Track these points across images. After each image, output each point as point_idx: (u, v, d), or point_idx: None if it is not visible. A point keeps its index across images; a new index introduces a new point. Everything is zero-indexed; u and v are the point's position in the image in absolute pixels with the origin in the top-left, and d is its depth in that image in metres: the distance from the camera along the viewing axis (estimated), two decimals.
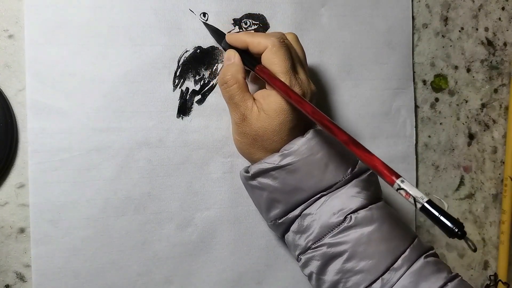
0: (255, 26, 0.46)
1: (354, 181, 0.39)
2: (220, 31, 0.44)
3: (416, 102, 0.52)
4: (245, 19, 0.45)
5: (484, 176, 0.55)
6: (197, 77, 0.44)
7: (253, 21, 0.45)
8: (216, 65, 0.45)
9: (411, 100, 0.51)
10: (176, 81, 0.44)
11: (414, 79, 0.52)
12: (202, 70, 0.44)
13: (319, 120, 0.35)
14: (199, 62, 0.44)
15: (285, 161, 0.38)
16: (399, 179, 0.30)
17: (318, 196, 0.39)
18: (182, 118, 0.44)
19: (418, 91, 0.52)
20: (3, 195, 0.41)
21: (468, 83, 0.54)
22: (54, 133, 0.41)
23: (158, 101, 0.43)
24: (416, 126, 0.52)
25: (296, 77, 0.39)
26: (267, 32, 0.45)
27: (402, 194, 0.30)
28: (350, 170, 0.39)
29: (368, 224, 0.38)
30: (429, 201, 0.29)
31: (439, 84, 0.53)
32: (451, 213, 0.29)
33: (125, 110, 0.42)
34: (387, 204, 0.41)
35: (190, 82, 0.44)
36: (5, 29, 0.40)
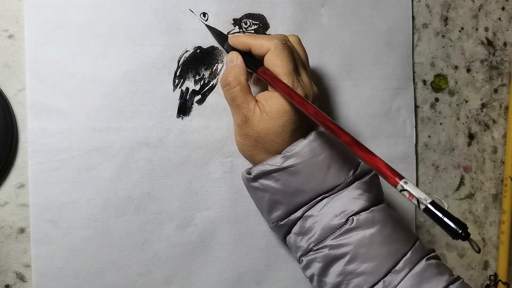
0: (255, 26, 0.46)
1: (356, 183, 0.39)
2: (223, 34, 0.44)
3: (416, 102, 0.52)
4: (245, 19, 0.45)
5: (484, 176, 0.55)
6: (197, 77, 0.44)
7: (253, 21, 0.45)
8: (216, 65, 0.45)
9: (411, 100, 0.51)
10: (176, 81, 0.44)
11: (414, 79, 0.52)
12: (202, 70, 0.44)
13: (322, 122, 0.35)
14: (199, 62, 0.44)
15: (287, 163, 0.38)
16: (403, 181, 0.30)
17: (320, 198, 0.39)
18: (182, 118, 0.44)
19: (418, 91, 0.52)
20: (3, 195, 0.41)
21: (468, 83, 0.54)
22: (54, 133, 0.41)
23: (158, 101, 0.43)
24: (416, 126, 0.52)
25: (299, 79, 0.39)
26: (270, 34, 0.45)
27: (406, 196, 0.30)
28: (352, 172, 0.39)
29: (370, 226, 0.38)
30: (433, 203, 0.29)
31: (439, 84, 0.53)
32: (452, 213, 0.29)
33: (125, 110, 0.42)
34: (389, 206, 0.41)
35: (190, 82, 0.44)
36: (5, 29, 0.40)
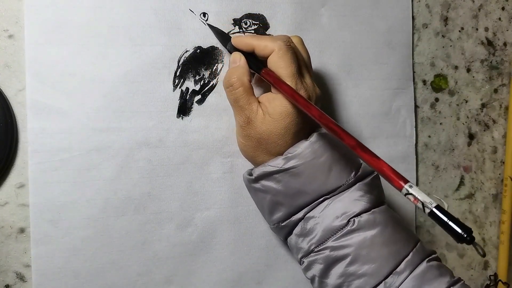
0: (255, 26, 0.46)
1: (358, 185, 0.39)
2: (225, 34, 0.44)
3: (416, 102, 0.52)
4: (245, 19, 0.45)
5: (484, 176, 0.55)
6: (197, 77, 0.44)
7: (253, 21, 0.45)
8: (216, 65, 0.45)
9: (411, 100, 0.51)
10: (176, 81, 0.44)
11: (414, 79, 0.52)
12: (202, 70, 0.44)
13: (326, 124, 0.35)
14: (199, 62, 0.44)
15: (289, 164, 0.38)
16: (407, 184, 0.30)
17: (322, 200, 0.39)
18: (182, 118, 0.44)
19: (418, 91, 0.52)
20: (3, 195, 0.41)
21: (468, 83, 0.54)
22: (54, 133, 0.41)
23: (158, 101, 0.43)
24: (416, 126, 0.52)
25: (302, 81, 0.39)
26: (271, 35, 0.45)
27: (410, 199, 0.30)
28: (354, 174, 0.39)
29: (371, 228, 0.38)
30: (438, 207, 0.29)
31: (439, 84, 0.53)
32: (452, 214, 0.29)
33: (125, 110, 0.42)
34: (390, 208, 0.41)
35: (190, 82, 0.44)
36: (5, 29, 0.40)
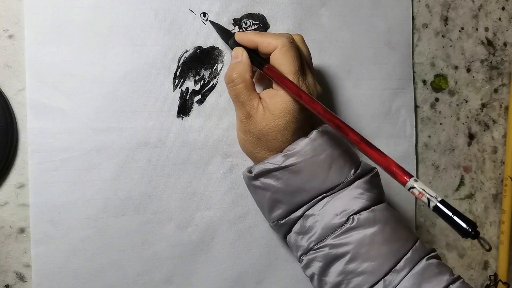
0: (255, 26, 0.46)
1: (357, 183, 0.39)
2: (227, 30, 0.44)
3: (416, 102, 0.52)
4: (245, 19, 0.45)
5: (484, 176, 0.55)
6: (197, 77, 0.44)
7: (253, 21, 0.45)
8: (216, 65, 0.45)
9: (411, 100, 0.51)
10: (176, 81, 0.44)
11: (414, 79, 0.52)
12: (202, 70, 0.44)
13: (331, 120, 0.35)
14: (199, 62, 0.44)
15: (288, 162, 0.38)
16: (412, 178, 0.30)
17: (321, 197, 0.39)
18: (182, 118, 0.44)
19: (418, 91, 0.52)
20: (3, 195, 0.41)
21: (468, 83, 0.54)
22: (54, 133, 0.41)
23: (158, 101, 0.43)
24: (416, 126, 0.52)
25: (304, 78, 0.39)
26: (276, 33, 0.45)
27: (415, 194, 0.30)
28: (353, 172, 0.39)
29: (371, 226, 0.38)
30: (442, 201, 0.29)
31: (439, 84, 0.53)
32: (461, 212, 0.29)
33: (125, 110, 0.42)
34: (390, 206, 0.41)
35: (190, 82, 0.44)
36: (5, 29, 0.40)
